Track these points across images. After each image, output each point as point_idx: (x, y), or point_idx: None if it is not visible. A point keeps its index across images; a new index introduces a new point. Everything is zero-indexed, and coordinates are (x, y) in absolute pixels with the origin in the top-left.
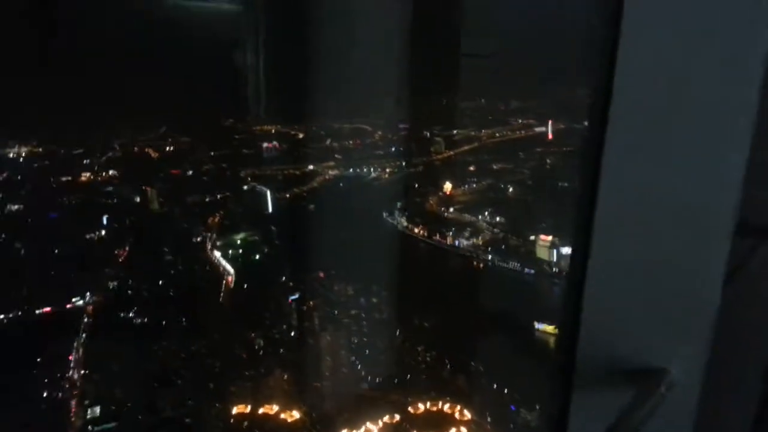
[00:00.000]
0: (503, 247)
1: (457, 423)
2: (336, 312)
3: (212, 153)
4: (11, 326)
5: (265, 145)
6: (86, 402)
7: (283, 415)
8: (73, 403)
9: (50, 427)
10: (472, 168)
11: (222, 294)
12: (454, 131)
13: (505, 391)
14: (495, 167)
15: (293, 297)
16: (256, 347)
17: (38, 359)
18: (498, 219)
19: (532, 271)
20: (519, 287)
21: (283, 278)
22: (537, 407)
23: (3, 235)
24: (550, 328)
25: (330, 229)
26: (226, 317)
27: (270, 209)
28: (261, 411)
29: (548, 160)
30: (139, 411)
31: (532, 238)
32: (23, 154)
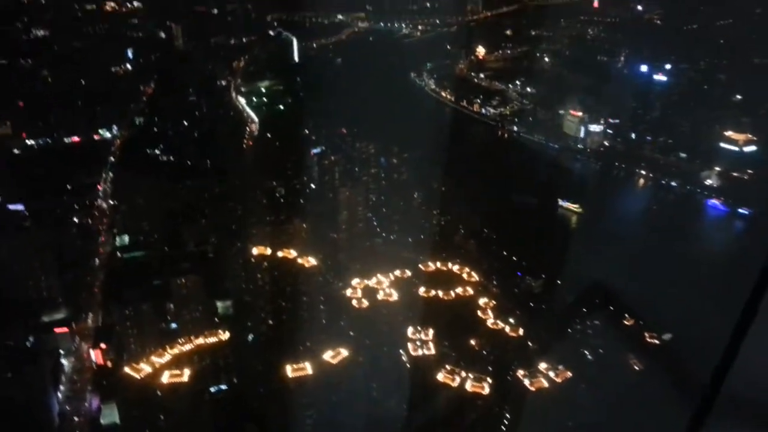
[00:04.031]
0: (531, 118)
1: (464, 283)
2: (356, 169)
3: None
4: (41, 153)
5: None
6: (114, 230)
7: (300, 260)
8: (102, 230)
9: (80, 251)
10: (508, 32)
11: (245, 140)
12: None
13: (514, 258)
14: (533, 33)
15: (315, 150)
16: (277, 195)
17: (68, 186)
18: (529, 89)
19: (557, 146)
20: (542, 160)
21: (306, 131)
22: (542, 276)
23: (29, 61)
24: (574, 206)
25: (355, 85)
26: (249, 163)
27: (296, 59)
28: (280, 254)
29: (590, 31)
30: (165, 243)
31: (562, 112)
32: None
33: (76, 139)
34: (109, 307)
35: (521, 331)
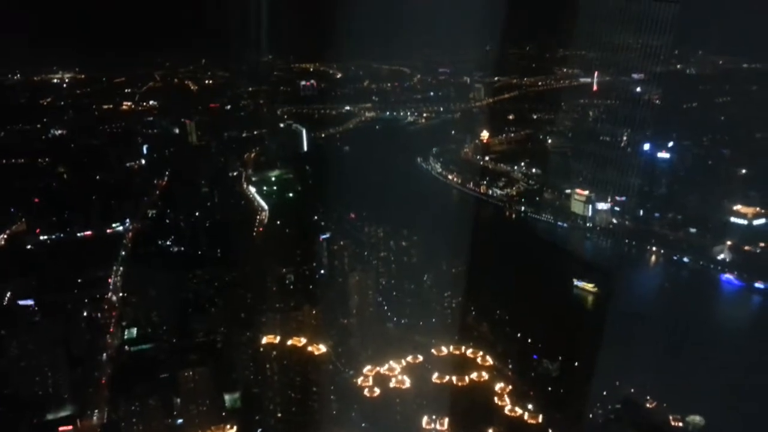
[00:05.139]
0: (537, 199)
1: (479, 367)
2: (365, 253)
3: (250, 88)
4: (54, 248)
5: (302, 83)
6: (123, 323)
7: (310, 348)
8: (112, 323)
9: (88, 346)
10: (511, 117)
11: (256, 228)
12: (495, 78)
13: (529, 340)
14: (535, 117)
15: (324, 236)
16: (287, 282)
17: (79, 280)
18: (534, 170)
19: (566, 225)
20: (552, 240)
21: (315, 217)
22: (560, 359)
23: (47, 159)
24: (589, 286)
25: (363, 171)
26: (258, 251)
27: (305, 148)
28: (289, 342)
29: (591, 113)
30: (173, 334)
31: (568, 191)
32: (67, 80)
33: (89, 233)
34: (116, 402)
35: (541, 418)
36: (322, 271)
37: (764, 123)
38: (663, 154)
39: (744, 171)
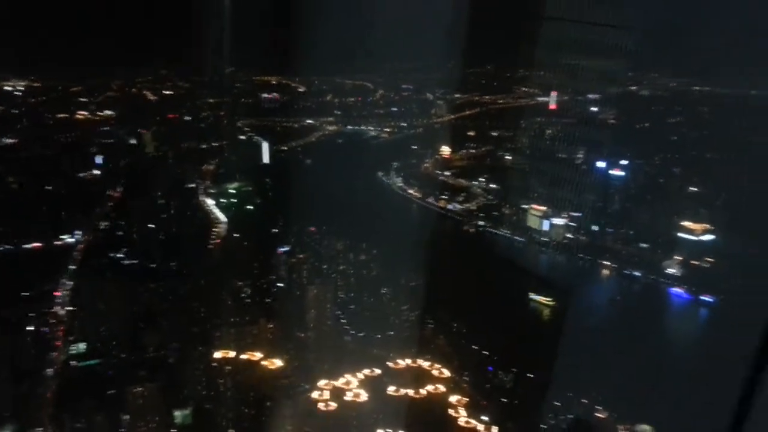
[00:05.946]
0: (495, 213)
1: (436, 380)
2: (324, 266)
3: (211, 100)
4: None
5: (264, 95)
6: (71, 338)
7: (265, 362)
8: (59, 338)
9: (33, 361)
10: (471, 133)
11: (212, 241)
12: (457, 95)
13: (484, 353)
14: (494, 134)
15: (283, 249)
16: (243, 295)
17: (25, 293)
18: (493, 186)
19: (522, 239)
20: (508, 253)
21: (275, 230)
22: (514, 370)
23: None
24: (546, 299)
25: (324, 184)
26: (215, 264)
27: (266, 161)
28: (244, 357)
29: (548, 131)
30: (123, 349)
31: (525, 206)
32: (21, 88)
33: (37, 245)
34: (61, 419)
35: (494, 430)
36: (280, 285)
37: (714, 143)
38: (616, 172)
39: (694, 189)
